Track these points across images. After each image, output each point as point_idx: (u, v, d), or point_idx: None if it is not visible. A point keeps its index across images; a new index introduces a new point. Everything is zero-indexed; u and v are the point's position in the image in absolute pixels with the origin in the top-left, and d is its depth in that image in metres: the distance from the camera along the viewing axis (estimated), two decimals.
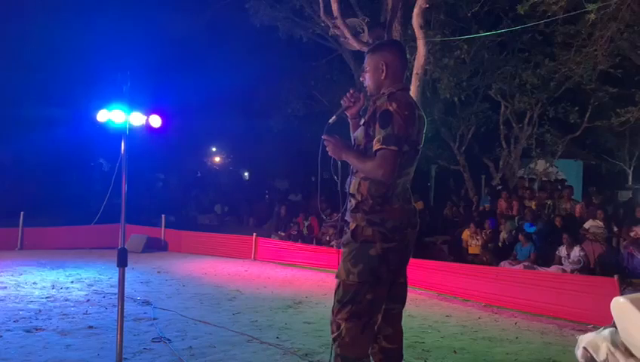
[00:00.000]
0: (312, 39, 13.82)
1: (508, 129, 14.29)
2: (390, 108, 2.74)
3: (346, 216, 2.92)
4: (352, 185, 2.88)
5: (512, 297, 6.81)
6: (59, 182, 16.80)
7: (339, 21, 10.12)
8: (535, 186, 13.68)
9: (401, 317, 3.01)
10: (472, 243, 10.05)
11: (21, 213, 12.22)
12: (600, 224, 8.89)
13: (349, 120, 3.10)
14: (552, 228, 9.34)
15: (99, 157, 19.55)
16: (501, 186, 12.93)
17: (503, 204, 11.10)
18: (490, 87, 13.34)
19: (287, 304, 6.64)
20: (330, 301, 2.87)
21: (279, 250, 11.29)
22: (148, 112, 4.26)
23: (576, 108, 13.13)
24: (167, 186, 20.73)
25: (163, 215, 13.37)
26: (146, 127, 4.27)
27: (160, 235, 13.12)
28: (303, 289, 7.93)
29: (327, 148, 2.92)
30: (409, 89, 3.06)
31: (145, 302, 6.41)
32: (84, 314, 5.76)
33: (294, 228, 13.09)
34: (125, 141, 3.90)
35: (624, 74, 11.68)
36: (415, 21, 9.37)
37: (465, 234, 10.28)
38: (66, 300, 6.49)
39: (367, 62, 3.01)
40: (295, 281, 8.81)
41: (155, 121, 4.32)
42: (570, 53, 11.10)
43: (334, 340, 2.80)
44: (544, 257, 8.68)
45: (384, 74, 2.92)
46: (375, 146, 2.73)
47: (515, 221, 10.22)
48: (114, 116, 4.01)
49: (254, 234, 11.97)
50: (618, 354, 2.83)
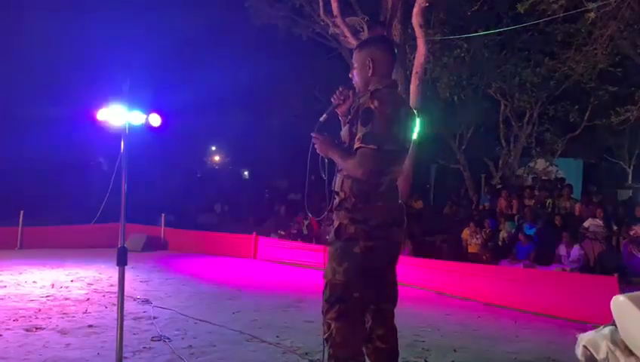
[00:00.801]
0: (312, 38, 13.82)
1: (508, 128, 14.30)
2: (372, 106, 2.71)
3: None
4: (337, 182, 2.86)
5: (512, 296, 6.81)
6: (58, 181, 16.80)
7: (338, 20, 10.12)
8: (535, 185, 13.68)
9: (393, 316, 2.98)
10: (472, 242, 10.04)
11: (21, 212, 12.21)
12: (600, 223, 8.89)
13: (340, 118, 3.07)
14: (551, 227, 9.34)
15: (98, 157, 19.55)
16: (501, 185, 12.94)
17: (502, 202, 11.11)
18: (490, 85, 13.34)
19: (288, 303, 6.64)
20: None
21: (279, 249, 11.28)
22: (147, 111, 4.26)
23: (576, 107, 13.14)
24: (167, 185, 20.72)
25: (163, 214, 13.37)
26: (146, 125, 4.27)
27: (160, 234, 13.12)
28: (303, 288, 7.93)
29: (315, 146, 2.90)
30: (397, 86, 2.97)
31: (145, 301, 6.40)
32: (83, 313, 5.75)
33: (294, 227, 13.09)
34: (125, 140, 3.90)
35: (624, 73, 11.69)
36: (415, 20, 9.37)
37: (465, 233, 10.28)
38: (66, 299, 6.48)
39: (355, 59, 2.98)
40: (295, 280, 8.80)
41: (155, 120, 4.32)
42: (570, 51, 11.11)
43: (326, 340, 2.78)
44: (544, 256, 8.68)
45: (371, 70, 2.89)
46: (355, 145, 2.71)
47: (515, 220, 10.22)
48: (113, 115, 4.00)
49: (254, 233, 11.97)
50: (618, 352, 2.82)
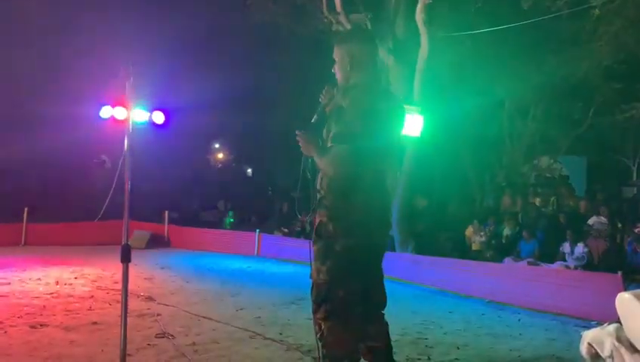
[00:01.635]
0: (314, 35, 13.79)
1: (512, 125, 14.25)
2: (343, 104, 2.67)
3: None
4: (318, 180, 2.84)
5: (516, 293, 6.79)
6: (62, 179, 16.84)
7: (342, 17, 10.09)
8: (539, 182, 13.65)
9: (383, 317, 2.94)
10: (476, 240, 10.03)
11: (25, 209, 12.26)
12: (604, 220, 8.87)
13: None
14: (555, 225, 9.32)
15: (102, 154, 19.57)
16: (505, 183, 12.91)
17: (506, 200, 11.08)
18: (494, 82, 13.29)
19: (291, 300, 6.63)
20: None
21: (282, 246, 11.29)
22: (151, 109, 4.26)
23: (581, 104, 13.08)
24: (170, 183, 20.74)
25: (166, 211, 13.39)
26: (150, 123, 4.27)
27: (163, 231, 13.14)
28: (306, 285, 7.90)
29: (300, 144, 2.87)
30: (377, 80, 2.92)
31: (148, 298, 6.41)
32: (88, 309, 5.77)
33: (297, 224, 13.10)
34: (128, 137, 3.90)
35: (629, 70, 11.64)
36: (418, 16, 9.34)
37: (468, 230, 10.26)
38: (70, 296, 6.50)
39: (335, 54, 2.92)
40: (298, 277, 8.81)
41: (159, 118, 4.33)
42: (575, 49, 11.06)
43: (320, 340, 2.77)
44: (548, 254, 8.67)
45: (349, 66, 2.84)
46: (328, 143, 2.70)
47: (519, 217, 10.20)
48: (117, 113, 4.01)
49: (257, 230, 11.98)
50: (623, 349, 2.82)
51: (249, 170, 26.32)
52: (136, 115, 4.08)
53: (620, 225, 9.08)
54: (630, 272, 7.03)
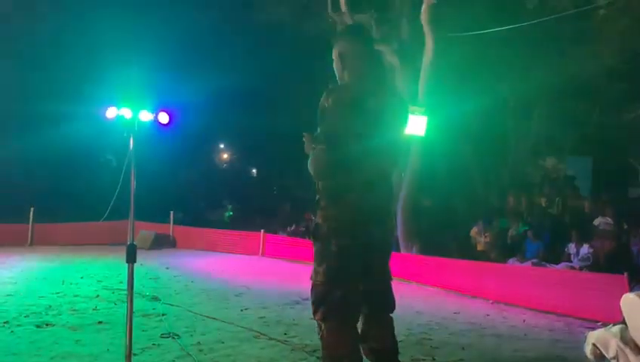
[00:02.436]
0: (320, 35, 13.80)
1: (516, 125, 14.20)
2: (326, 104, 2.65)
3: None
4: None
5: (521, 294, 6.77)
6: (68, 179, 16.93)
7: (347, 16, 10.10)
8: (544, 183, 13.60)
9: (388, 319, 2.91)
10: (481, 241, 10.00)
11: (31, 209, 12.34)
12: (609, 221, 8.83)
13: None
14: (561, 225, 9.29)
15: (108, 154, 19.67)
16: (510, 183, 12.88)
17: (511, 200, 11.05)
18: (499, 82, 13.26)
19: (295, 300, 6.64)
20: None
21: (287, 246, 11.31)
22: (156, 109, 4.27)
23: (586, 104, 13.02)
24: (176, 183, 20.82)
25: (171, 211, 13.43)
26: (155, 123, 4.28)
27: (168, 231, 13.19)
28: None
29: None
30: (369, 78, 2.79)
31: (154, 298, 6.44)
32: (93, 309, 5.80)
33: (302, 225, 13.11)
34: (134, 138, 3.91)
35: (634, 69, 11.58)
36: (423, 17, 9.34)
37: (473, 231, 10.24)
38: (76, 296, 6.53)
39: (333, 53, 2.91)
40: (303, 277, 8.79)
41: (164, 118, 4.33)
42: (580, 48, 11.02)
43: (320, 341, 2.77)
44: (553, 254, 8.63)
45: (341, 65, 2.83)
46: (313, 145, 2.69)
47: (524, 218, 10.17)
48: (122, 113, 4.02)
49: (262, 230, 11.99)
50: (628, 350, 2.81)
51: (254, 170, 26.36)
52: (142, 115, 4.08)
53: (626, 225, 9.03)
54: (636, 273, 6.98)
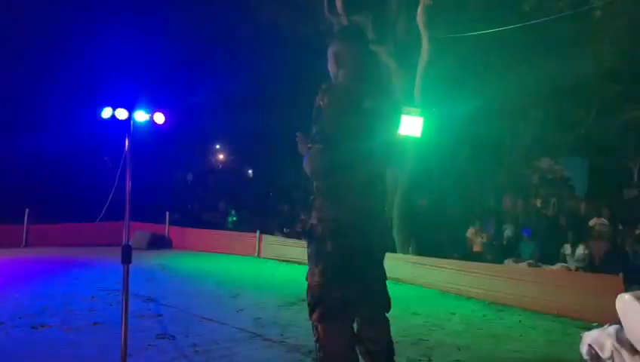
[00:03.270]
0: (316, 37, 13.81)
1: (512, 126, 14.25)
2: (321, 104, 2.64)
3: None
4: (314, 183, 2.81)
5: (517, 295, 6.79)
6: (63, 180, 16.87)
7: (343, 18, 10.10)
8: (540, 184, 13.65)
9: (384, 320, 2.90)
10: (477, 241, 10.02)
11: (26, 211, 12.28)
12: (605, 222, 8.86)
13: None
14: (556, 226, 9.32)
15: (103, 155, 19.63)
16: (505, 184, 12.91)
17: (507, 201, 11.09)
18: (495, 84, 13.30)
19: (291, 301, 6.64)
20: None
21: (283, 247, 11.30)
22: (152, 110, 4.26)
23: (582, 105, 13.07)
24: (171, 183, 20.79)
25: (167, 212, 13.40)
26: (151, 124, 4.27)
27: (164, 232, 13.16)
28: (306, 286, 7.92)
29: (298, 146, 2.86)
30: (363, 79, 2.78)
31: (149, 299, 6.43)
32: (89, 310, 5.78)
33: (298, 226, 13.10)
34: (129, 138, 3.90)
35: (630, 71, 11.64)
36: (419, 18, 9.35)
37: (469, 232, 10.26)
38: (71, 297, 6.50)
39: (328, 52, 2.91)
40: (299, 278, 8.79)
41: (159, 119, 4.32)
42: (576, 50, 11.06)
43: (316, 342, 2.76)
44: (549, 255, 8.66)
45: (336, 65, 2.84)
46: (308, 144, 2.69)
47: (520, 219, 10.20)
48: (118, 113, 4.01)
49: (258, 231, 11.98)
50: (623, 351, 2.82)
51: (250, 171, 26.33)
52: (138, 116, 4.07)
53: (621, 226, 9.08)
54: (631, 274, 7.02)
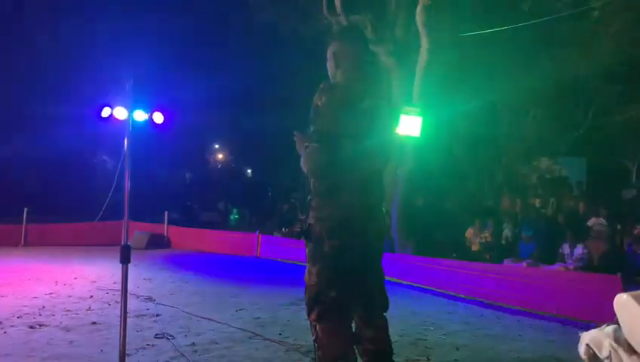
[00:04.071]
0: (315, 36, 13.80)
1: (511, 126, 14.24)
2: (319, 103, 2.66)
3: None
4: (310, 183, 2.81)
5: (515, 295, 6.79)
6: (62, 179, 16.87)
7: (342, 18, 10.10)
8: (539, 183, 13.66)
9: (382, 319, 2.90)
10: (475, 241, 10.02)
11: (25, 210, 12.27)
12: (603, 222, 8.87)
13: None
14: (555, 226, 9.32)
15: (102, 155, 19.63)
16: (504, 183, 12.92)
17: (506, 201, 11.09)
18: (494, 83, 13.30)
19: (290, 300, 6.63)
20: None
21: (282, 246, 11.29)
22: (151, 110, 4.27)
23: (580, 105, 13.08)
24: (171, 183, 20.78)
25: (166, 211, 13.40)
26: (150, 124, 4.28)
27: (163, 232, 13.15)
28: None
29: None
30: (361, 79, 2.79)
31: (148, 299, 6.42)
32: (87, 310, 5.78)
33: (297, 225, 13.10)
34: (128, 138, 3.90)
35: (628, 71, 11.65)
36: (418, 18, 9.35)
37: (468, 231, 10.26)
38: (70, 296, 6.51)
39: (328, 52, 2.93)
40: (298, 278, 8.80)
41: (158, 118, 4.33)
42: (575, 50, 11.07)
43: (314, 342, 2.76)
44: (547, 255, 8.66)
45: (334, 64, 2.84)
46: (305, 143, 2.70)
47: (519, 218, 10.20)
48: (117, 113, 4.02)
49: (257, 231, 11.98)
50: (621, 351, 2.82)
51: (249, 170, 26.33)
52: (137, 116, 4.07)
53: (620, 226, 9.09)
54: (629, 274, 7.03)
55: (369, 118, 2.69)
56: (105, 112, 4.12)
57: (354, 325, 2.87)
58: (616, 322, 2.96)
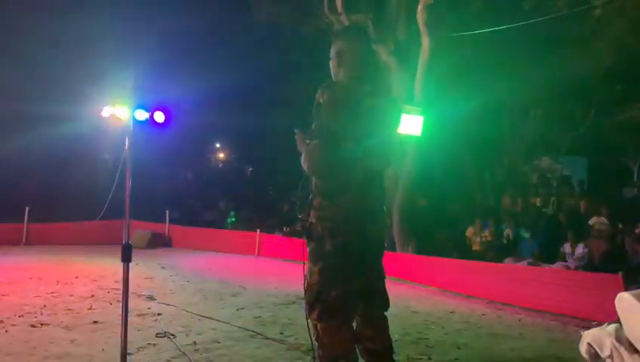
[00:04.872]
0: (316, 35, 13.80)
1: (512, 125, 14.24)
2: (320, 100, 2.66)
3: None
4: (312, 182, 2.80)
5: (516, 294, 6.80)
6: (63, 178, 16.86)
7: (343, 17, 10.09)
8: (539, 182, 13.65)
9: (383, 318, 2.90)
10: (476, 240, 10.02)
11: (26, 209, 12.28)
12: (605, 221, 8.87)
13: None
14: (556, 225, 9.32)
15: (103, 154, 19.61)
16: (505, 182, 12.92)
17: (507, 200, 11.08)
18: (495, 83, 13.29)
19: (291, 299, 6.65)
20: None
21: (283, 245, 11.30)
22: (152, 108, 4.26)
23: (581, 104, 13.08)
24: (172, 182, 20.77)
25: (167, 211, 13.41)
26: (151, 122, 4.27)
27: (164, 231, 13.16)
28: None
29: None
30: (361, 78, 2.78)
31: (149, 298, 6.43)
32: (88, 309, 5.78)
33: (298, 224, 13.10)
34: (129, 137, 3.90)
35: (629, 70, 11.63)
36: (420, 17, 9.35)
37: (469, 230, 10.26)
38: (71, 295, 6.51)
39: (331, 50, 2.92)
40: (299, 277, 8.79)
41: (159, 118, 4.32)
42: (576, 49, 11.06)
43: (316, 341, 2.76)
44: (548, 254, 8.66)
45: (337, 62, 2.84)
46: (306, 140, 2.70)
47: (520, 217, 10.20)
48: (118, 112, 4.02)
49: (258, 230, 11.98)
50: (622, 349, 2.82)
51: (250, 169, 26.33)
52: (137, 115, 4.06)
53: (621, 225, 9.08)
54: (630, 273, 7.02)
55: (370, 117, 2.69)
56: (106, 112, 4.12)
57: (355, 324, 2.87)
58: (618, 321, 2.96)
